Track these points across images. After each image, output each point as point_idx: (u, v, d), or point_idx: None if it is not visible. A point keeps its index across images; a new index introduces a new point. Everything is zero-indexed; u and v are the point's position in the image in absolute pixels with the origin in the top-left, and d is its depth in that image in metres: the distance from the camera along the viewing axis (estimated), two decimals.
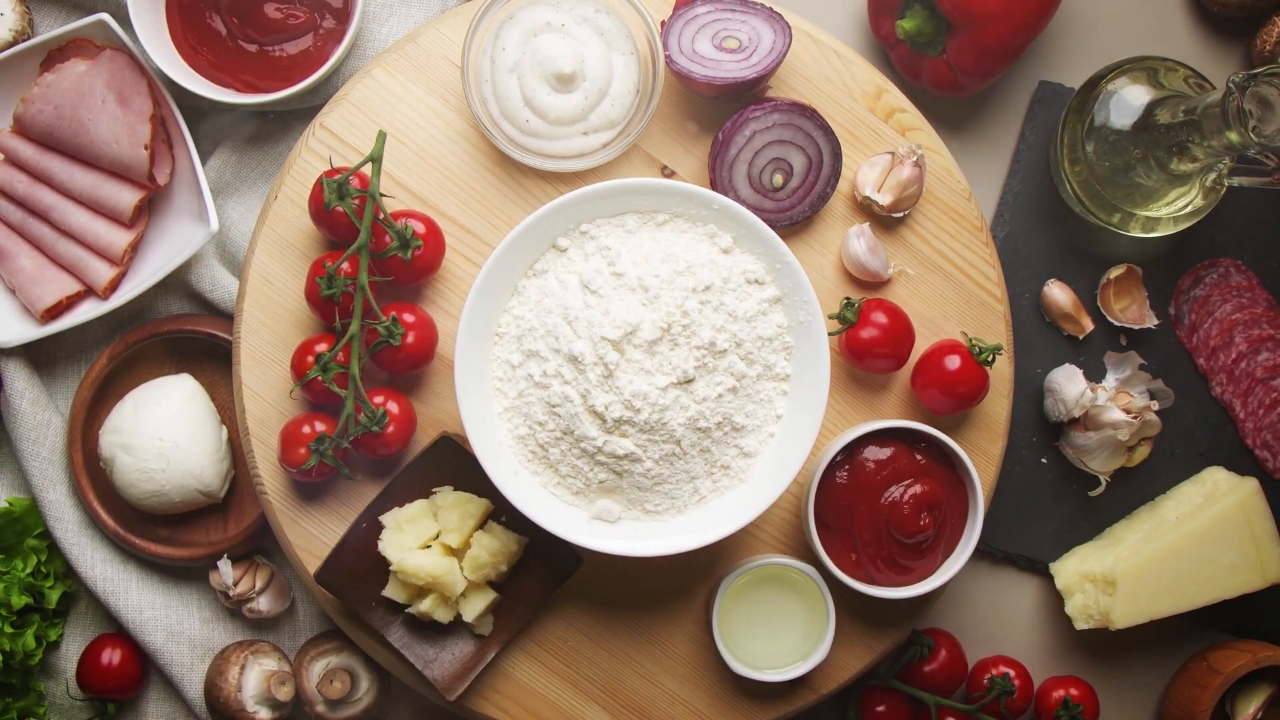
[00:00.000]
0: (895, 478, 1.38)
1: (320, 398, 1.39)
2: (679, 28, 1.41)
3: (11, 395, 1.50)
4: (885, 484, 1.38)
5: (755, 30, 1.41)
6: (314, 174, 1.44)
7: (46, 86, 1.49)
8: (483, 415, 1.33)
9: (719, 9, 1.42)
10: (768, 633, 1.41)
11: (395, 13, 1.53)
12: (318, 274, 1.37)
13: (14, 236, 1.53)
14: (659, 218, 1.34)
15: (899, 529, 1.37)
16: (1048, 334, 1.56)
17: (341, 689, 1.46)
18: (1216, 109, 1.30)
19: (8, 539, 1.51)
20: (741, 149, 1.41)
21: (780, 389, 1.35)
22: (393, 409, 1.39)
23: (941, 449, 1.40)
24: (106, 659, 1.50)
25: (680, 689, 1.45)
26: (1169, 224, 1.46)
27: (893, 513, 1.37)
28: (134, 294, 1.49)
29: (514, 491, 1.32)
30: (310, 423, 1.39)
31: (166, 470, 1.47)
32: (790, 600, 1.41)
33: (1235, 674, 1.47)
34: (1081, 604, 1.51)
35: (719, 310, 1.31)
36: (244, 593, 1.50)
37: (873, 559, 1.39)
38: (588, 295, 1.31)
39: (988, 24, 1.44)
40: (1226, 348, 1.56)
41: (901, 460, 1.39)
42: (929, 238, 1.47)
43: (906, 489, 1.37)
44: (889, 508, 1.37)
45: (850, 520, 1.38)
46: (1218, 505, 1.50)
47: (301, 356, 1.38)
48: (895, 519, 1.37)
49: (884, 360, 1.42)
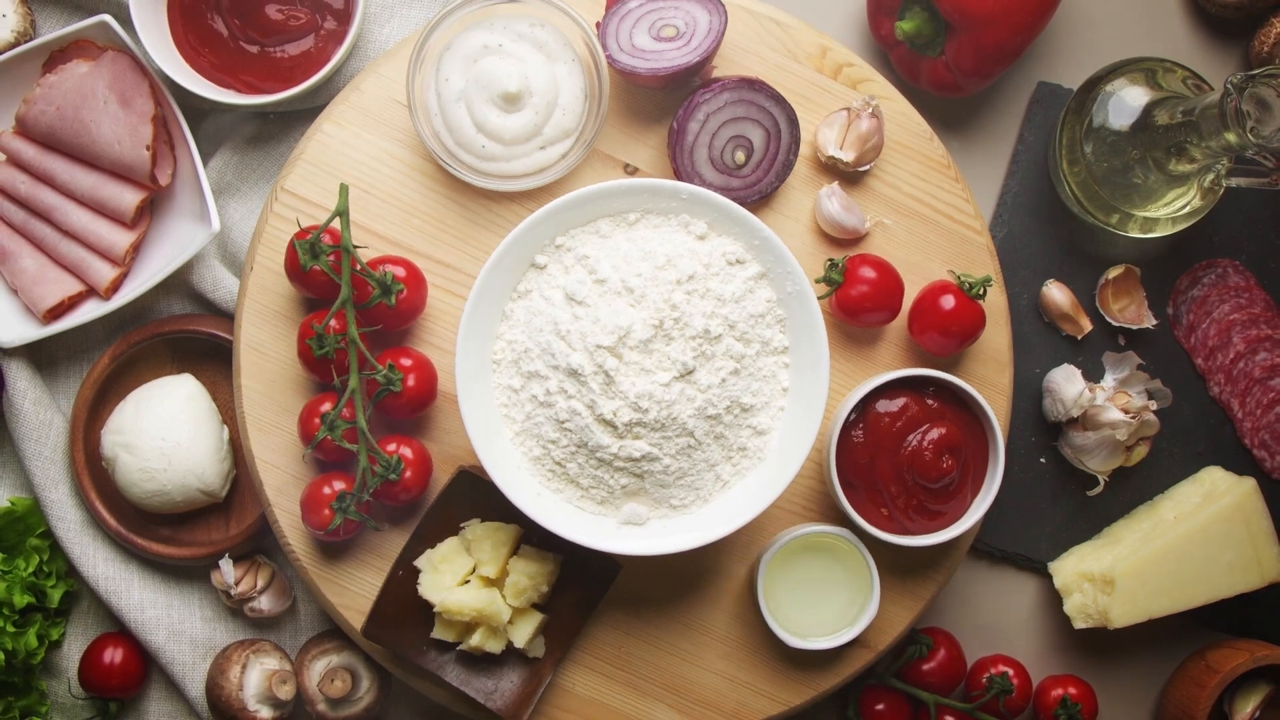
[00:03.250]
0: (911, 426, 1.38)
1: (334, 455, 1.37)
2: (615, 25, 1.40)
3: (14, 395, 1.50)
4: (902, 434, 1.37)
5: (690, 14, 1.40)
6: (284, 239, 1.43)
7: (49, 87, 1.49)
8: (495, 445, 1.31)
9: (650, 0, 1.40)
10: (813, 601, 1.41)
11: (396, 14, 1.53)
12: (307, 336, 1.35)
13: (16, 237, 1.53)
14: (630, 217, 1.33)
15: (923, 475, 1.36)
16: (1046, 334, 1.56)
17: (342, 688, 1.45)
18: (1214, 110, 1.30)
19: (10, 538, 1.51)
20: (698, 134, 1.39)
21: (781, 362, 1.34)
22: (406, 454, 1.38)
23: (951, 391, 1.40)
24: (108, 658, 1.51)
25: (738, 671, 1.44)
26: (1167, 224, 1.45)
27: (914, 460, 1.37)
28: (136, 294, 1.49)
29: (540, 513, 1.30)
30: (328, 483, 1.37)
31: (168, 470, 1.46)
32: (831, 566, 1.41)
33: (1233, 673, 1.47)
34: (1080, 603, 1.51)
35: (706, 297, 1.29)
36: (245, 592, 1.50)
37: (904, 510, 1.38)
38: (575, 307, 1.29)
39: (987, 25, 1.43)
40: (1224, 348, 1.56)
41: (914, 408, 1.38)
42: (899, 184, 1.46)
43: (924, 435, 1.37)
44: (910, 456, 1.37)
45: (874, 475, 1.38)
46: (1216, 505, 1.50)
47: (308, 419, 1.37)
48: (918, 465, 1.36)
49: (878, 314, 1.41)
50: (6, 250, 1.52)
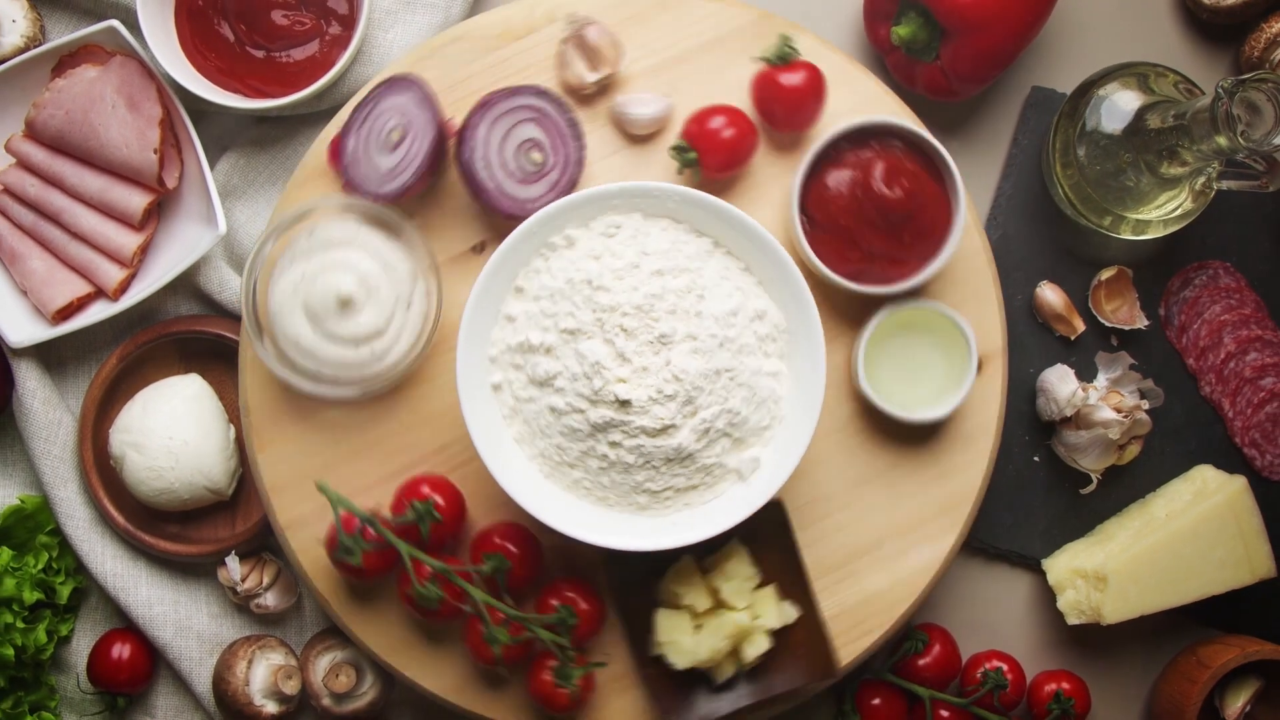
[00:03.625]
0: (872, 167, 1.39)
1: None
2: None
3: (23, 395, 1.50)
4: (866, 174, 1.39)
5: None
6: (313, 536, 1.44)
7: (58, 92, 1.49)
8: (559, 513, 1.32)
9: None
10: (913, 378, 1.43)
11: (400, 19, 1.53)
12: (408, 591, 1.36)
13: (26, 239, 1.53)
14: (535, 264, 1.34)
15: (878, 204, 1.38)
16: (1040, 335, 1.56)
17: (347, 683, 1.46)
18: (1205, 114, 1.30)
19: (20, 536, 1.51)
20: (491, 162, 1.40)
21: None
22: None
23: (920, 148, 1.41)
24: (116, 653, 1.51)
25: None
26: (1159, 227, 1.45)
27: (868, 192, 1.38)
28: (143, 295, 1.49)
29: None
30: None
31: (175, 468, 1.47)
32: (923, 344, 1.43)
33: (1224, 668, 1.47)
34: (1073, 599, 1.51)
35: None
36: (251, 588, 1.50)
37: (869, 259, 1.40)
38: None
39: (981, 31, 1.43)
40: (1215, 348, 1.56)
41: (879, 156, 1.40)
42: (661, 42, 1.47)
43: (882, 170, 1.39)
44: (864, 187, 1.38)
45: (835, 215, 1.39)
46: (1207, 503, 1.50)
47: (477, 644, 1.37)
48: (870, 195, 1.38)
49: (743, 152, 1.42)
50: (16, 252, 1.52)
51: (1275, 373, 1.56)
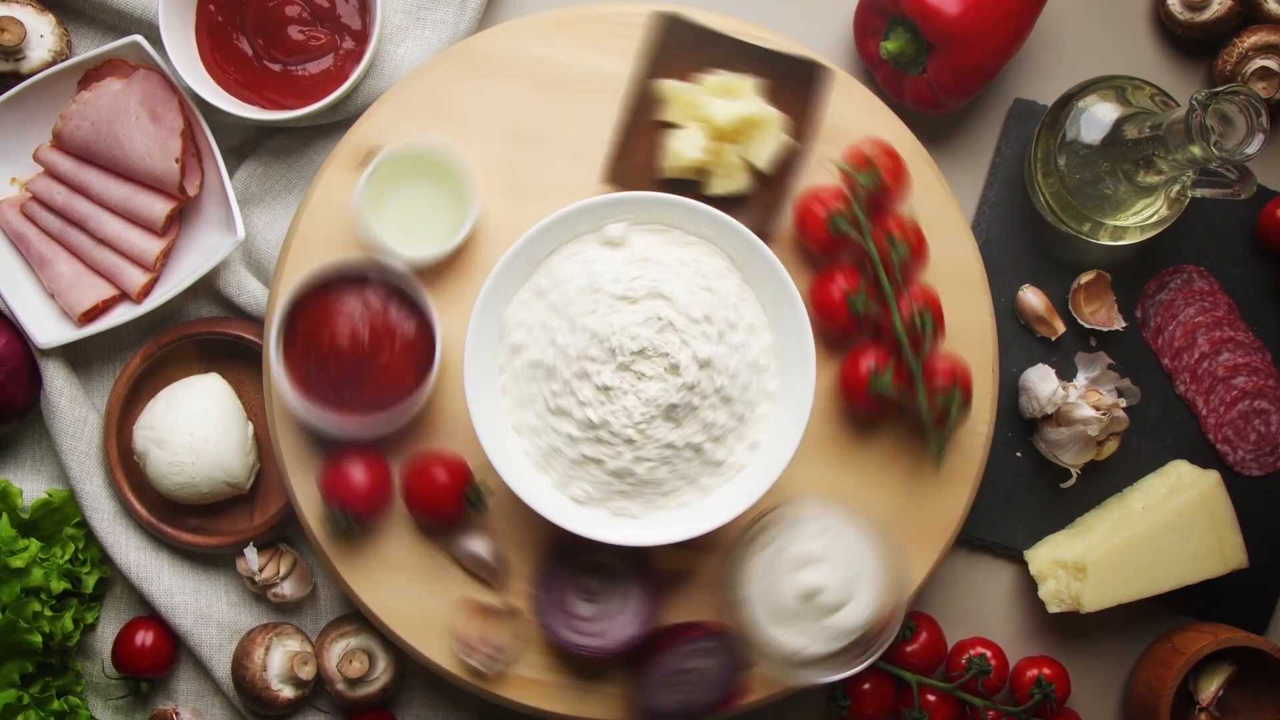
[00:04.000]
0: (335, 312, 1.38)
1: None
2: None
3: (51, 393, 1.51)
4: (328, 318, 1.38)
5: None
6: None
7: (84, 104, 1.50)
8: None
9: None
10: (421, 225, 1.44)
11: (410, 35, 1.54)
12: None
13: (53, 244, 1.54)
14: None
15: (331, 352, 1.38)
16: (1022, 336, 1.57)
17: (360, 668, 1.47)
18: (1180, 125, 1.31)
19: (47, 528, 1.52)
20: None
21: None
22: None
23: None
24: (140, 640, 1.51)
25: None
26: (1136, 233, 1.46)
27: (321, 339, 1.38)
28: (166, 298, 1.49)
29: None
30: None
31: (196, 463, 1.47)
32: (428, 190, 1.44)
33: (1198, 654, 1.48)
34: (1054, 589, 1.52)
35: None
36: (269, 578, 1.51)
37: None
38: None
39: (966, 46, 1.45)
40: (1190, 348, 1.56)
41: (346, 301, 1.38)
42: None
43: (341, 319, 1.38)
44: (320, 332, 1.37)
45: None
46: (1182, 496, 1.51)
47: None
48: (322, 342, 1.38)
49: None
50: (44, 257, 1.52)
51: (1247, 372, 1.56)
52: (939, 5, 1.42)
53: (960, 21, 1.43)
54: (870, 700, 1.51)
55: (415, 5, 1.55)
